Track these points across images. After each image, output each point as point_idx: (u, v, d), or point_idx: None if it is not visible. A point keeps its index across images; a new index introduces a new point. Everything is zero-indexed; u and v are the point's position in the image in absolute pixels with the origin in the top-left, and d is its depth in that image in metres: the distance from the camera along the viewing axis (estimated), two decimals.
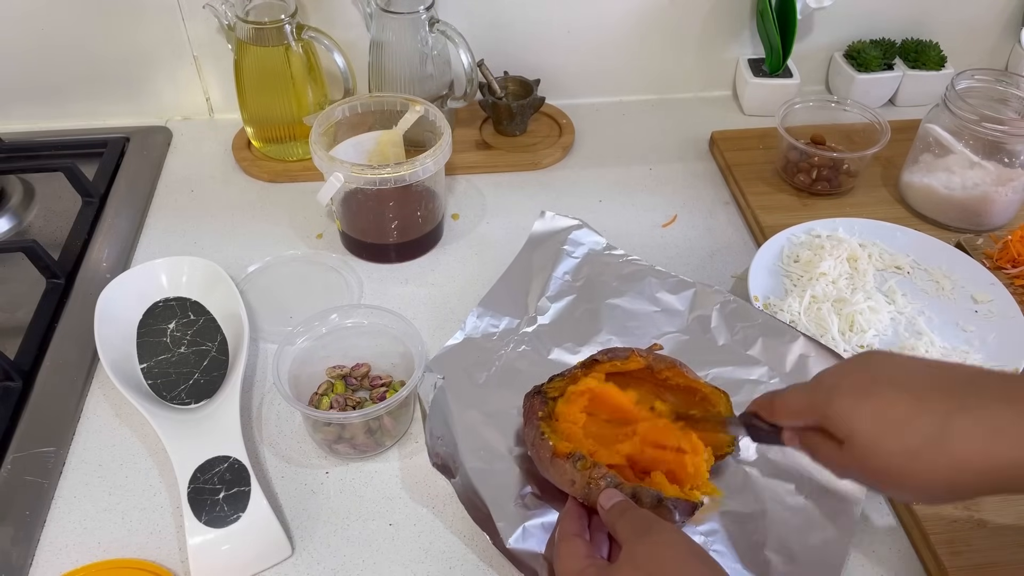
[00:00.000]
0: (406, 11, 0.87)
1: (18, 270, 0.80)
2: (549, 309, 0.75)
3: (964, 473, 0.44)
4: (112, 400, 0.71)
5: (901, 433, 0.45)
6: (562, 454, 0.56)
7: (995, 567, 0.58)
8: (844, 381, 0.48)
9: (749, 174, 0.93)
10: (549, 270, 0.78)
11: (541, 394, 0.61)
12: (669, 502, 0.55)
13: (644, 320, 0.74)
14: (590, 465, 0.55)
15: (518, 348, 0.72)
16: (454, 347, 0.72)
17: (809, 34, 1.05)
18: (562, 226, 0.82)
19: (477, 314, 0.74)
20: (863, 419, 0.46)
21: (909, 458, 0.44)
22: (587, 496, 0.55)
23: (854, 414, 0.46)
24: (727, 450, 0.62)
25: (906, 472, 0.45)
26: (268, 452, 0.68)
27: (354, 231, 0.84)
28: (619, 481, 0.55)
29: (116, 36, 0.95)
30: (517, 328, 0.74)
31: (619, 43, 1.03)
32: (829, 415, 0.47)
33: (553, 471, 0.57)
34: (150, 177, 0.95)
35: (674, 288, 0.77)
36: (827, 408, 0.48)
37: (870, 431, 0.45)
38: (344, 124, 0.84)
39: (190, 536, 0.58)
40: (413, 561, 0.60)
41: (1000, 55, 1.09)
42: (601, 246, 0.81)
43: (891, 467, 0.45)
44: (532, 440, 0.59)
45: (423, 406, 0.67)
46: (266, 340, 0.76)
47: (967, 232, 0.86)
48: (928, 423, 0.44)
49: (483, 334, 0.73)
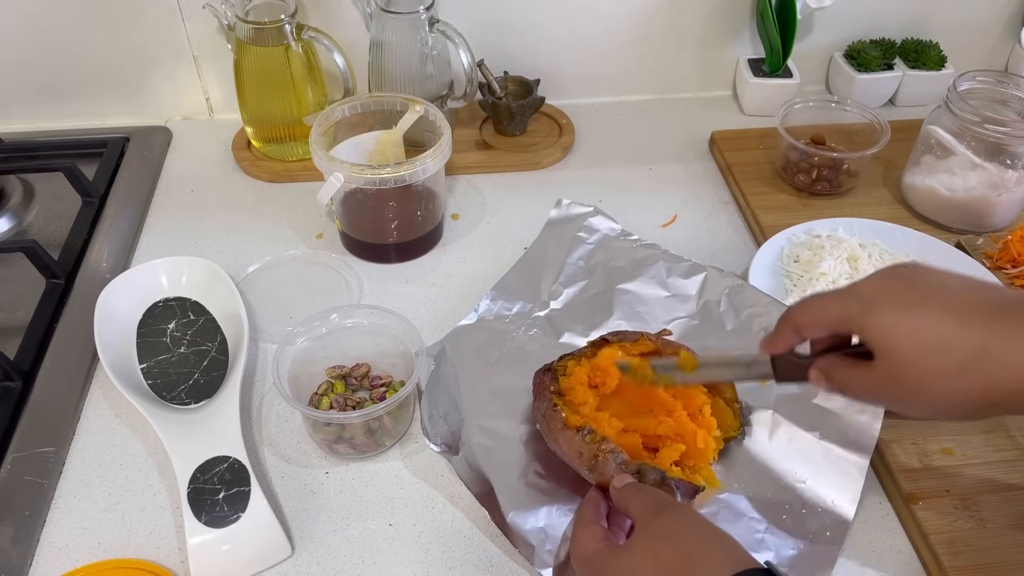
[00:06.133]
0: (406, 11, 0.87)
1: (18, 270, 0.80)
2: (562, 294, 0.76)
3: (997, 394, 0.44)
4: (112, 400, 0.71)
5: (940, 354, 0.44)
6: (572, 426, 0.57)
7: (995, 567, 0.58)
8: (883, 294, 0.47)
9: (749, 174, 0.93)
10: (564, 256, 0.79)
11: (552, 371, 0.62)
12: (672, 482, 0.55)
13: (654, 305, 0.75)
14: (599, 439, 0.56)
15: (530, 331, 0.73)
16: (467, 327, 0.73)
17: (809, 34, 1.05)
18: (577, 213, 0.83)
19: (491, 297, 0.76)
20: (902, 337, 0.45)
21: (945, 378, 0.45)
22: (593, 468, 0.56)
23: (893, 331, 0.46)
24: (732, 434, 0.63)
25: (939, 390, 0.45)
26: (268, 452, 0.68)
27: (354, 231, 0.84)
28: (625, 457, 0.56)
29: (116, 36, 0.95)
30: (530, 312, 0.75)
31: (619, 43, 1.03)
32: (866, 327, 0.47)
33: (562, 441, 0.58)
34: (150, 177, 0.95)
35: (686, 273, 0.77)
36: (864, 319, 0.47)
37: (908, 350, 0.45)
38: (344, 124, 0.84)
39: (190, 536, 0.58)
40: (413, 561, 0.60)
41: (1000, 55, 1.09)
42: (616, 232, 0.82)
43: (925, 386, 0.45)
44: (543, 412, 0.60)
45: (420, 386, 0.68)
46: (266, 340, 0.76)
47: (968, 233, 0.86)
48: (967, 346, 0.44)
49: (496, 316, 0.74)
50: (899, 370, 0.46)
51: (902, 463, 0.64)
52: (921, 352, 0.45)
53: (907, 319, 0.46)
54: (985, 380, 0.44)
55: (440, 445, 0.64)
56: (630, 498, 0.53)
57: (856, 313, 0.47)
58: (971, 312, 0.45)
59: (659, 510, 0.50)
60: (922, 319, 0.45)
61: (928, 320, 0.45)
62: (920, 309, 0.46)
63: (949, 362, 0.44)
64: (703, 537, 0.48)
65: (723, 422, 0.62)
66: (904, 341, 0.45)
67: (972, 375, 0.44)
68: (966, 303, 0.46)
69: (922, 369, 0.45)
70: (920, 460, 0.65)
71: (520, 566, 0.60)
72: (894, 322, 0.46)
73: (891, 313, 0.46)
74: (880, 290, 0.48)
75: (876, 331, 0.46)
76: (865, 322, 0.47)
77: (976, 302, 0.46)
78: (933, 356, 0.45)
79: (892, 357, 0.46)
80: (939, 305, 0.46)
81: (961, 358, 0.44)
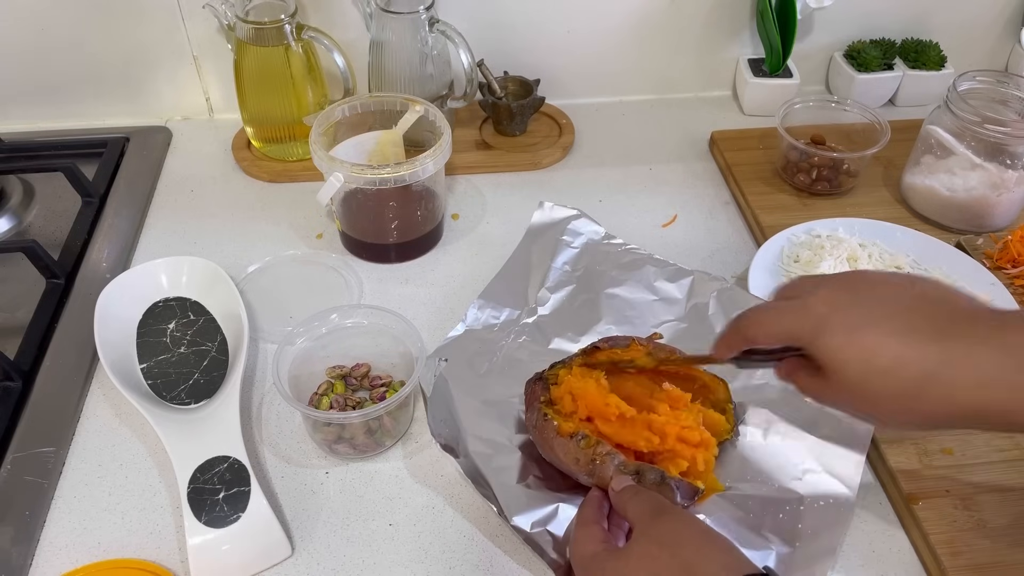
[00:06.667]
0: (406, 11, 0.87)
1: (18, 270, 0.80)
2: (549, 300, 0.76)
3: (946, 413, 0.45)
4: (112, 400, 0.71)
5: (887, 379, 0.45)
6: (565, 433, 0.57)
7: (995, 567, 0.58)
8: (834, 314, 0.47)
9: (749, 174, 0.93)
10: (548, 261, 0.79)
11: (543, 380, 0.62)
12: (672, 482, 0.55)
13: (643, 309, 0.75)
14: (594, 443, 0.56)
15: (519, 339, 0.73)
16: (456, 338, 0.73)
17: (809, 34, 1.05)
18: (560, 216, 0.83)
19: (478, 306, 0.75)
20: (850, 361, 0.46)
21: (894, 401, 0.45)
22: (592, 473, 0.56)
23: (842, 354, 0.46)
24: (726, 436, 0.63)
25: (891, 410, 0.46)
26: (268, 452, 0.68)
27: (354, 231, 0.84)
28: (623, 459, 0.55)
29: (116, 36, 0.95)
30: (518, 319, 0.74)
31: (619, 43, 1.03)
32: (816, 347, 0.47)
33: (558, 449, 0.57)
34: (150, 177, 0.95)
35: (672, 276, 0.77)
36: (813, 340, 0.47)
37: (856, 374, 0.46)
38: (344, 124, 0.84)
39: (190, 536, 0.58)
40: (413, 561, 0.60)
41: (1000, 55, 1.09)
42: (600, 235, 0.81)
43: (877, 406, 0.46)
44: (535, 423, 0.60)
45: (424, 392, 0.67)
46: (266, 340, 0.76)
47: (968, 233, 0.86)
48: (912, 372, 0.45)
49: (484, 325, 0.74)
50: (850, 391, 0.47)
51: (902, 463, 0.64)
52: (868, 377, 0.46)
53: (853, 344, 0.46)
54: (933, 403, 0.45)
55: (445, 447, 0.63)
56: (628, 501, 0.53)
57: (807, 332, 0.48)
58: (917, 334, 0.45)
59: (658, 514, 0.50)
60: (868, 343, 0.46)
61: (874, 345, 0.45)
62: (867, 332, 0.46)
63: (896, 387, 0.45)
64: (702, 542, 0.48)
65: (716, 429, 0.62)
66: (852, 365, 0.46)
67: (919, 400, 0.45)
68: (913, 325, 0.46)
69: (872, 391, 0.46)
70: (920, 460, 0.64)
71: (520, 566, 0.60)
72: (841, 346, 0.46)
73: (839, 336, 0.46)
74: (831, 308, 0.48)
75: (825, 354, 0.47)
76: (815, 342, 0.47)
77: (922, 324, 0.46)
78: (880, 380, 0.45)
79: (844, 377, 0.46)
80: (886, 328, 0.46)
81: (907, 384, 0.45)
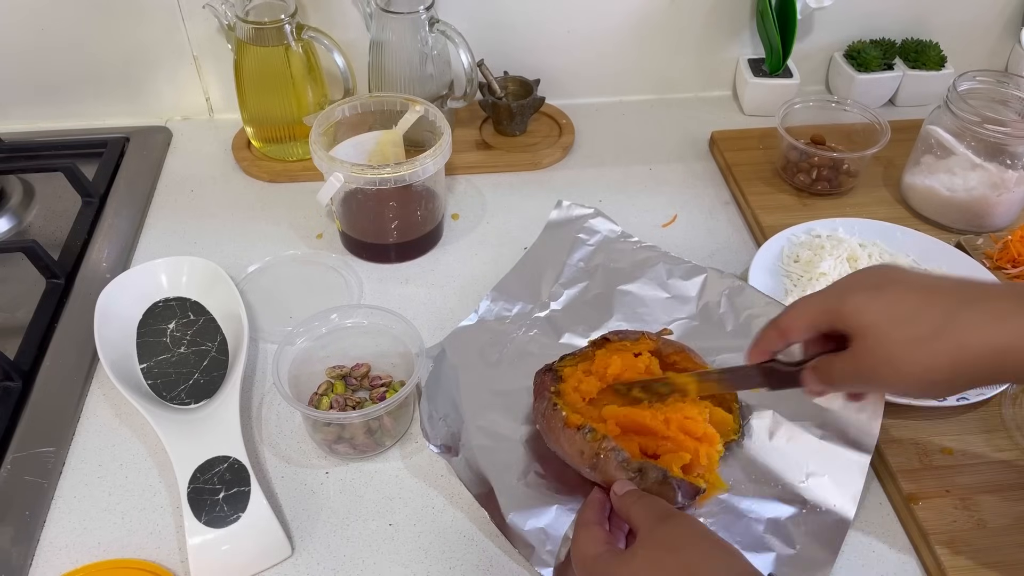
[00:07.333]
0: (406, 11, 0.87)
1: (18, 270, 0.80)
2: (562, 295, 0.76)
3: (965, 359, 0.48)
4: (112, 400, 0.71)
5: (909, 323, 0.48)
6: (573, 425, 0.57)
7: (995, 567, 0.58)
8: (857, 283, 0.52)
9: (749, 174, 0.93)
10: (564, 258, 0.79)
11: (552, 371, 0.63)
12: (674, 481, 0.55)
13: (655, 306, 0.75)
14: (599, 437, 0.56)
15: (530, 332, 0.73)
16: (467, 328, 0.73)
17: (809, 34, 1.05)
18: (578, 215, 0.83)
19: (491, 298, 0.76)
20: (874, 312, 0.50)
21: (915, 346, 0.48)
22: (595, 467, 0.56)
23: (867, 307, 0.50)
24: (732, 437, 0.63)
25: (909, 360, 0.48)
26: (268, 452, 0.68)
27: (354, 231, 0.84)
28: (627, 455, 0.56)
29: (116, 36, 0.95)
30: (530, 313, 0.75)
31: (619, 43, 1.03)
32: (843, 312, 0.51)
33: (563, 441, 0.58)
34: (150, 177, 0.95)
35: (686, 274, 0.77)
36: (840, 305, 0.51)
37: (880, 323, 0.49)
38: (344, 124, 0.84)
39: (190, 536, 0.58)
40: (413, 561, 0.60)
41: (1000, 55, 1.09)
42: (616, 233, 0.82)
43: (895, 355, 0.49)
44: (543, 412, 0.60)
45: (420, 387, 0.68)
46: (266, 340, 0.76)
47: (968, 233, 0.86)
48: (935, 314, 0.48)
49: (496, 317, 0.74)
50: (872, 345, 0.49)
51: (902, 463, 0.64)
52: (892, 323, 0.49)
53: (878, 297, 0.50)
54: (952, 345, 0.48)
55: (439, 447, 0.64)
56: (632, 505, 0.53)
57: (832, 304, 0.52)
58: (938, 288, 0.50)
59: (662, 519, 0.50)
60: (892, 296, 0.50)
61: (898, 296, 0.50)
62: (891, 288, 0.51)
63: (918, 330, 0.48)
64: (706, 547, 0.48)
65: (722, 428, 0.62)
66: (876, 315, 0.49)
67: (940, 341, 0.48)
68: (933, 283, 0.51)
69: (893, 340, 0.49)
70: (920, 460, 0.65)
71: (520, 566, 0.60)
72: (867, 300, 0.50)
73: (864, 294, 0.51)
74: (855, 280, 0.53)
75: (851, 312, 0.50)
76: (841, 307, 0.51)
77: (942, 282, 0.51)
78: (903, 326, 0.49)
79: (866, 334, 0.50)
80: (908, 285, 0.51)
81: (929, 326, 0.48)
